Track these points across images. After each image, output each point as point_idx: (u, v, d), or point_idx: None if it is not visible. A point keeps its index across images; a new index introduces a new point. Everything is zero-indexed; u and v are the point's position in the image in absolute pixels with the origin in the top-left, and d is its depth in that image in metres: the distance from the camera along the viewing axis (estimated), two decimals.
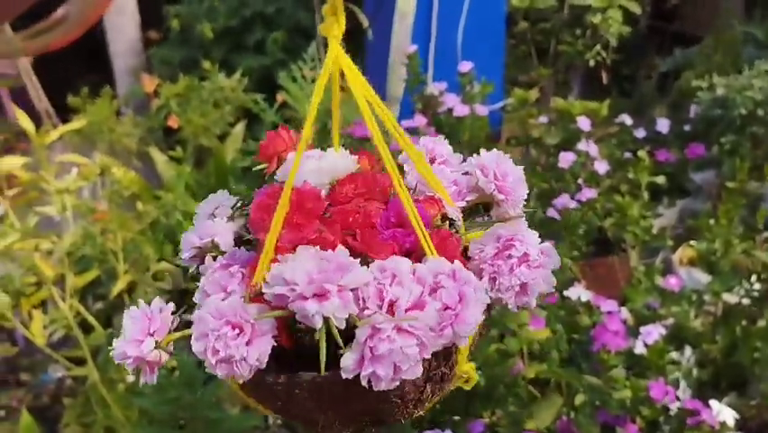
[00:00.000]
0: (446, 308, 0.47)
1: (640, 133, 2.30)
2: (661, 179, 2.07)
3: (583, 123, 2.06)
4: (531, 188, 1.98)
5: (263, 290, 0.46)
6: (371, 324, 0.44)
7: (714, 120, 2.24)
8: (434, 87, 2.17)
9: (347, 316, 0.45)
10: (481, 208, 0.61)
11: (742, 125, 2.13)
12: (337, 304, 0.45)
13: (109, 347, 1.56)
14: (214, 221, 0.57)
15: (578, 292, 1.65)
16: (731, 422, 1.32)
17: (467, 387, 0.54)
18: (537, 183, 2.00)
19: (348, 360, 0.44)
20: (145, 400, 1.47)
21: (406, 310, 0.46)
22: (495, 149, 0.61)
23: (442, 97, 2.11)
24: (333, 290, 0.45)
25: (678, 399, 1.40)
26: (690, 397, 1.47)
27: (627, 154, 2.24)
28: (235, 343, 0.46)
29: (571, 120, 2.13)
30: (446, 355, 0.50)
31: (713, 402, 1.34)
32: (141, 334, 0.52)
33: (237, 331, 0.46)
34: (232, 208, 0.60)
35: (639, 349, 1.52)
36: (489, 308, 0.52)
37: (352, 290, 0.45)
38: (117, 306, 1.81)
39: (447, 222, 0.56)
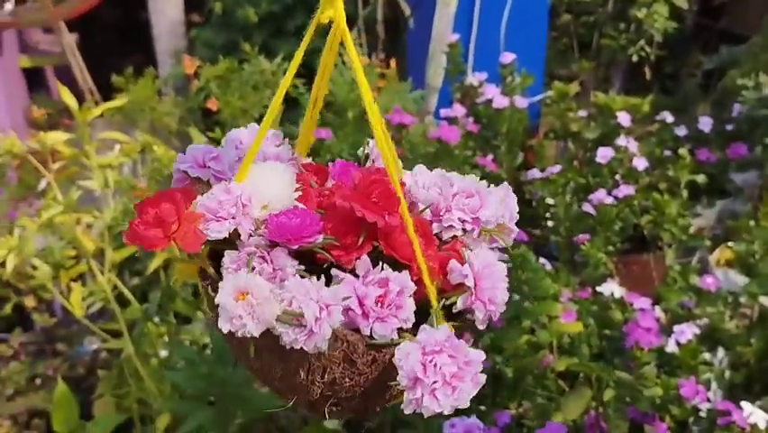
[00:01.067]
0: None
1: (681, 132, 2.27)
2: (701, 178, 2.04)
3: (623, 118, 2.04)
4: (567, 182, 1.96)
5: None
6: None
7: (758, 120, 2.20)
8: (473, 78, 2.17)
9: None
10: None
11: None
12: None
13: (144, 322, 1.59)
14: None
15: (611, 288, 1.64)
16: (762, 424, 1.30)
17: None
18: (574, 178, 1.98)
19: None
20: (177, 375, 1.49)
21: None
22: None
23: (481, 88, 2.10)
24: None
25: (709, 400, 1.39)
26: (722, 399, 1.45)
27: (667, 152, 2.21)
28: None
29: (610, 115, 2.11)
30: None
31: (745, 404, 1.32)
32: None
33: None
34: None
35: (671, 348, 1.51)
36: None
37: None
38: (153, 282, 1.84)
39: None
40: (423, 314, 0.52)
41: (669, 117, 2.31)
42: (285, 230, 0.51)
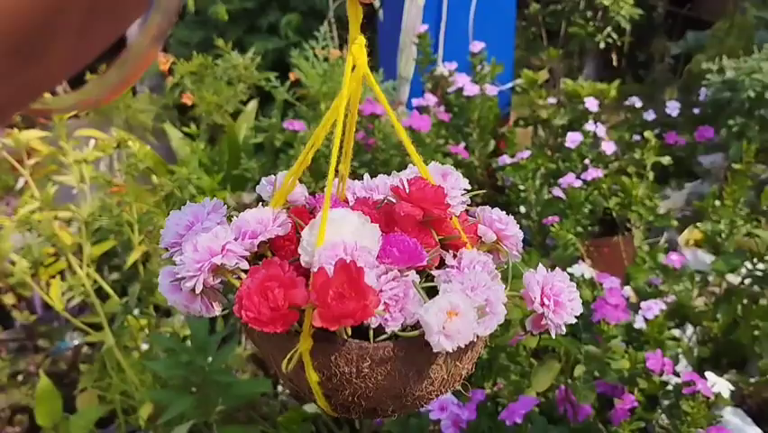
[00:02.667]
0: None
1: (649, 116, 2.32)
2: (666, 160, 2.09)
3: (591, 103, 2.08)
4: (537, 168, 2.01)
5: None
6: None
7: (723, 103, 2.26)
8: (444, 68, 2.20)
9: None
10: None
11: (750, 108, 2.15)
12: None
13: (124, 316, 1.61)
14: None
15: (581, 270, 1.69)
16: (726, 394, 1.35)
17: None
18: (544, 163, 2.03)
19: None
20: (158, 364, 1.52)
21: None
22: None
23: (452, 77, 2.14)
24: None
25: (677, 374, 1.44)
26: (685, 370, 1.50)
27: (636, 137, 2.26)
28: None
29: (579, 101, 2.15)
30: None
31: (709, 374, 1.37)
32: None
33: None
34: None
35: (639, 324, 1.55)
36: None
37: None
38: (132, 276, 1.86)
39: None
40: None
41: (637, 102, 2.36)
42: (410, 255, 0.54)
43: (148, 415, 1.61)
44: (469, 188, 0.64)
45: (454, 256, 0.57)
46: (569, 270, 1.69)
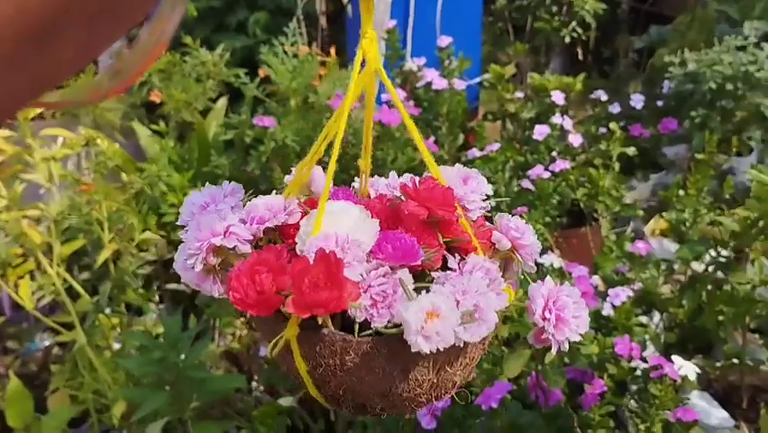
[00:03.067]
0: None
1: (615, 109, 2.36)
2: (631, 150, 2.14)
3: (557, 97, 2.11)
4: (507, 160, 2.03)
5: None
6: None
7: (685, 95, 2.30)
8: (412, 63, 2.22)
9: None
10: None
11: (711, 100, 2.20)
12: None
13: (96, 314, 1.60)
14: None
15: (550, 260, 1.71)
16: (693, 377, 1.38)
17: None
18: (513, 156, 2.05)
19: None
20: (131, 363, 1.51)
21: None
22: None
23: (420, 72, 2.16)
24: None
25: (645, 360, 1.47)
26: (651, 354, 1.53)
27: (602, 130, 2.30)
28: None
29: (546, 95, 2.18)
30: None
31: (676, 358, 1.41)
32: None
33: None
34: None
35: (607, 311, 1.59)
36: None
37: None
38: (102, 275, 1.85)
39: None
40: None
41: (603, 96, 2.40)
42: (403, 253, 0.54)
43: (121, 413, 1.60)
44: (490, 193, 0.63)
45: (462, 260, 0.56)
46: (538, 259, 1.71)
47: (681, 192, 1.99)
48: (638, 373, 1.48)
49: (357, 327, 0.52)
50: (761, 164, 2.20)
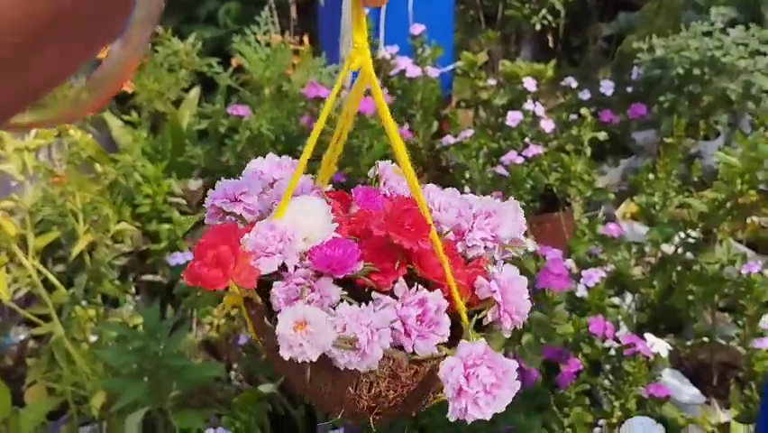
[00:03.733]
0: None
1: (585, 95, 2.39)
2: (602, 135, 2.17)
3: (529, 83, 2.14)
4: (480, 147, 2.06)
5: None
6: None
7: (654, 80, 2.34)
8: (385, 51, 2.23)
9: None
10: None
11: (679, 85, 2.24)
12: None
13: (72, 306, 1.59)
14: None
15: (525, 243, 1.74)
16: (665, 354, 1.42)
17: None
18: (486, 142, 2.08)
19: None
20: (109, 353, 1.51)
21: None
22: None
23: (394, 60, 2.17)
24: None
25: (618, 340, 1.50)
26: (624, 333, 1.57)
27: (573, 116, 2.33)
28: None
29: (517, 82, 2.21)
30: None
31: (648, 335, 1.44)
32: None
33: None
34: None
35: (581, 292, 1.62)
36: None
37: None
38: (78, 267, 1.84)
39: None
40: (452, 327, 0.56)
41: (573, 82, 2.43)
42: (330, 261, 0.54)
43: (101, 404, 1.60)
44: (521, 238, 0.62)
45: (417, 290, 0.55)
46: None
47: (651, 176, 2.02)
48: (612, 352, 1.51)
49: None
50: (727, 147, 2.26)
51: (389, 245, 0.56)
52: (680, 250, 1.84)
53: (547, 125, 2.06)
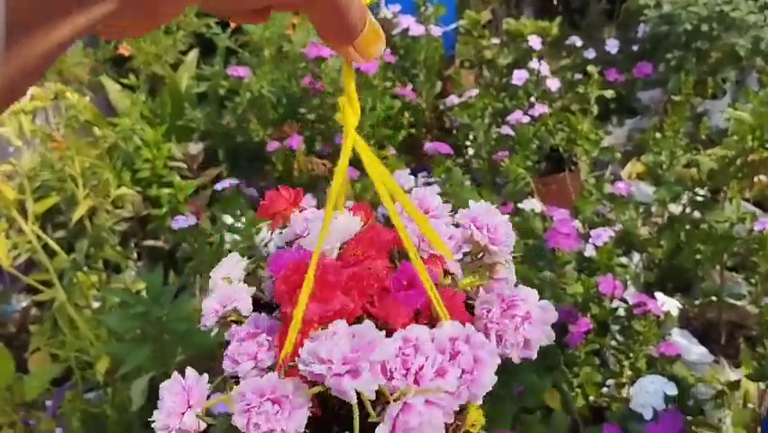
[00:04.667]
0: (464, 372, 0.50)
1: (590, 54, 2.35)
2: (609, 93, 2.13)
3: (534, 41, 2.10)
4: (485, 107, 2.02)
5: (299, 368, 0.49)
6: (403, 400, 0.47)
7: (661, 37, 2.30)
8: (387, 10, 2.18)
9: (377, 388, 0.48)
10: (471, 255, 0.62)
11: (687, 41, 2.19)
12: (369, 379, 0.47)
13: (73, 272, 1.56)
14: (231, 286, 0.58)
15: (531, 204, 1.72)
16: (675, 312, 1.40)
17: (473, 430, 0.57)
18: (491, 102, 2.04)
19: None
20: (112, 319, 1.49)
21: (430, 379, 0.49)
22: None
23: (396, 19, 2.12)
24: (366, 366, 0.48)
25: (625, 301, 1.49)
26: (634, 292, 1.55)
27: (578, 75, 2.29)
28: (276, 418, 0.49)
29: (522, 40, 2.16)
30: (459, 412, 0.53)
31: (658, 294, 1.42)
32: (182, 407, 0.55)
33: (277, 407, 0.49)
34: (245, 271, 0.61)
35: (589, 252, 1.60)
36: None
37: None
38: (78, 232, 1.81)
39: (449, 277, 0.58)
40: None
41: (578, 41, 2.39)
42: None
43: (105, 370, 1.59)
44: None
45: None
46: (519, 205, 1.72)
47: (658, 135, 1.99)
48: (621, 312, 1.50)
49: None
50: (735, 103, 2.22)
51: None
52: (688, 209, 1.82)
53: (553, 84, 2.02)
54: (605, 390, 1.47)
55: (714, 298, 1.73)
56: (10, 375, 1.64)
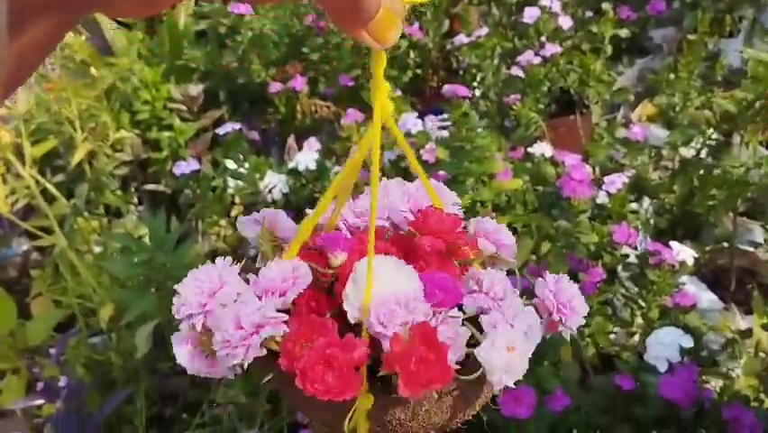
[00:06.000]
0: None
1: None
2: (624, 32, 2.06)
3: None
4: (494, 47, 1.95)
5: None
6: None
7: None
8: None
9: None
10: None
11: None
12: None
13: (74, 217, 1.53)
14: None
15: (542, 149, 1.67)
16: (690, 261, 1.37)
17: None
18: (500, 42, 1.97)
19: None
20: (115, 266, 1.47)
21: None
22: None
23: None
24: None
25: (635, 248, 1.46)
26: (647, 240, 1.52)
27: (589, 13, 2.21)
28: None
29: None
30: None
31: (673, 243, 1.39)
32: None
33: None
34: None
35: (602, 199, 1.56)
36: None
37: None
38: (77, 176, 1.77)
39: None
40: None
41: None
42: (454, 293, 0.52)
43: (109, 317, 1.57)
44: (459, 202, 0.62)
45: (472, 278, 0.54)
46: (529, 149, 1.67)
47: (672, 76, 1.93)
48: (632, 260, 1.47)
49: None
50: (751, 41, 2.15)
51: (441, 255, 0.55)
52: (701, 153, 1.77)
53: (565, 22, 1.95)
54: (612, 336, 1.45)
55: (726, 244, 1.71)
56: (12, 320, 1.62)
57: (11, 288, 1.88)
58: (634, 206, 1.77)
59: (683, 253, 1.37)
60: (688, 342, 1.20)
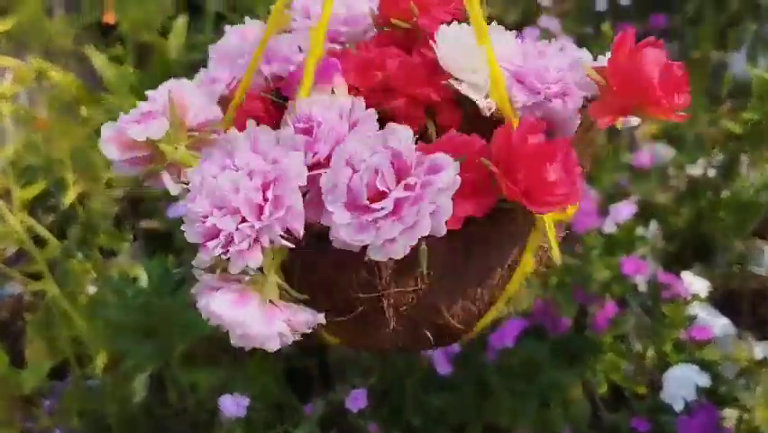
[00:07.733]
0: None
1: (601, 6, 2.24)
2: None
3: None
4: None
5: None
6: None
7: None
8: None
9: None
10: None
11: None
12: None
13: (66, 259, 1.48)
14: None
15: None
16: (704, 294, 1.33)
17: None
18: None
19: None
20: (110, 311, 1.42)
21: None
22: None
23: None
24: None
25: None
26: (658, 270, 1.47)
27: (589, 29, 2.18)
28: None
29: None
30: None
31: (684, 274, 1.35)
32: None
33: None
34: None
35: (608, 227, 1.50)
36: None
37: None
38: (70, 217, 1.73)
39: None
40: None
41: None
42: None
43: (104, 364, 1.52)
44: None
45: None
46: None
47: None
48: (641, 288, 1.42)
49: None
50: (753, 55, 2.12)
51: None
52: (709, 173, 1.73)
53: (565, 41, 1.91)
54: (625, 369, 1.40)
55: (737, 266, 1.66)
56: (3, 365, 1.57)
57: (5, 330, 1.83)
58: (641, 230, 1.72)
59: (696, 284, 1.32)
60: (705, 380, 1.15)
